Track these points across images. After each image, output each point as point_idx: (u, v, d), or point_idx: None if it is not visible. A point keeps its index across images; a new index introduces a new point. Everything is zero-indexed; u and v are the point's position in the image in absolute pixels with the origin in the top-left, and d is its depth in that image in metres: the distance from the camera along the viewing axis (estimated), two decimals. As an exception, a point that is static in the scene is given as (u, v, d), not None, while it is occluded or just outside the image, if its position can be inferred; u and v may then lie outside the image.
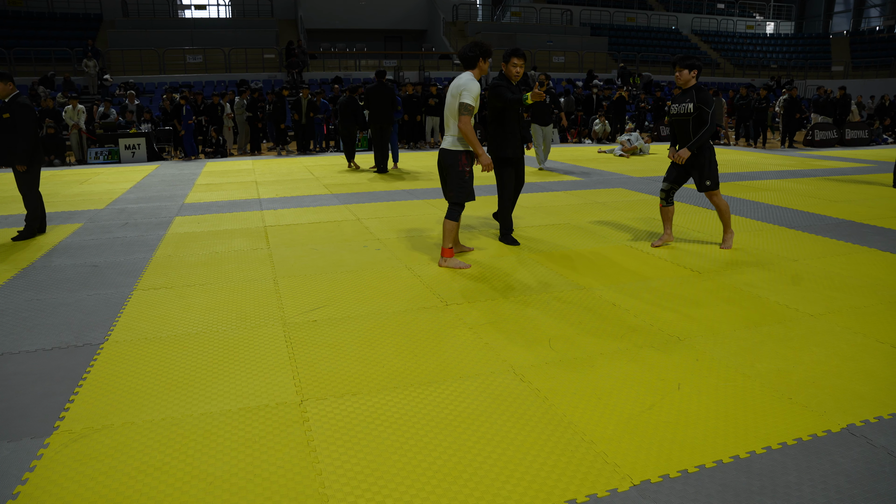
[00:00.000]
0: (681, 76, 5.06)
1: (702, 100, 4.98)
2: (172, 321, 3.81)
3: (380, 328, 3.64)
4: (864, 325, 3.62)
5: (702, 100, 4.98)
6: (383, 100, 10.38)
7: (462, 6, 29.26)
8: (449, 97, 4.64)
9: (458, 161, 4.66)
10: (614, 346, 3.34)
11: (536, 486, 2.17)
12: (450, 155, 4.69)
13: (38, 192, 6.29)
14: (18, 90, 6.17)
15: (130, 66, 21.15)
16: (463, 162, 4.66)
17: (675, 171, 5.28)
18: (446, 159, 4.70)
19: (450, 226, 4.78)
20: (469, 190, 4.74)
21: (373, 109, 10.44)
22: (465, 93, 4.50)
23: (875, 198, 7.90)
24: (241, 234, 6.20)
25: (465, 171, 4.68)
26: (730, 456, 2.33)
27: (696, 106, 4.99)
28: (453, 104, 4.59)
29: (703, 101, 4.97)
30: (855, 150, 14.97)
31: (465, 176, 4.69)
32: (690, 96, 5.04)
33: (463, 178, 4.69)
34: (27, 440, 2.49)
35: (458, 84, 4.58)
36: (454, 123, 4.63)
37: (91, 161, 13.59)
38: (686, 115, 5.06)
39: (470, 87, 4.52)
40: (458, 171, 4.67)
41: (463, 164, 4.66)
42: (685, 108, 5.06)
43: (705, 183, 5.15)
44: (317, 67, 23.38)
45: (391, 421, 2.61)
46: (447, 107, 4.68)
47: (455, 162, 4.66)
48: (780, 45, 32.85)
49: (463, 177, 4.68)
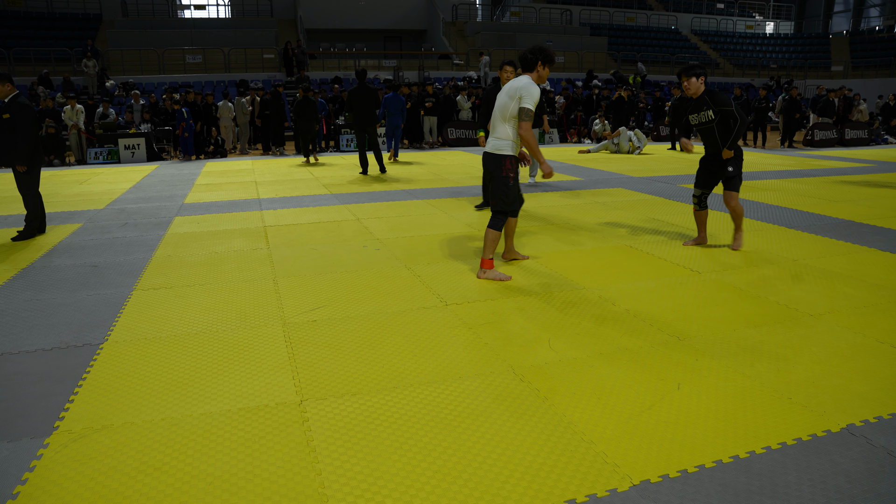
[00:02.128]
0: (690, 86, 4.98)
1: (718, 102, 4.93)
2: (172, 321, 3.81)
3: (380, 328, 3.64)
4: (864, 325, 3.62)
5: (718, 102, 4.93)
6: (366, 101, 10.22)
7: (461, 6, 29.26)
8: (504, 96, 4.34)
9: (503, 166, 4.38)
10: (614, 346, 3.34)
11: (536, 486, 2.17)
12: (493, 159, 4.43)
13: (38, 192, 6.28)
14: (18, 90, 6.17)
15: (130, 66, 21.14)
16: (507, 167, 4.38)
17: (706, 176, 5.25)
18: (490, 163, 4.46)
19: (492, 235, 4.50)
20: (512, 197, 4.47)
21: (356, 111, 10.27)
22: (527, 97, 4.18)
23: (875, 198, 7.90)
24: (241, 234, 6.20)
25: (508, 176, 4.39)
26: (729, 456, 2.33)
27: (716, 111, 4.93)
28: (507, 105, 4.30)
29: (721, 103, 4.91)
30: (855, 150, 14.97)
31: (508, 182, 4.40)
32: (706, 102, 4.98)
33: (507, 184, 4.41)
34: (27, 440, 2.49)
35: (516, 86, 4.26)
36: (503, 125, 4.36)
37: (90, 161, 13.59)
38: (709, 122, 5.00)
39: (531, 90, 4.20)
40: (502, 176, 4.39)
41: (507, 170, 4.38)
42: (706, 115, 4.99)
43: (728, 169, 5.09)
44: (316, 67, 23.37)
45: (391, 421, 2.61)
46: (499, 107, 4.38)
47: (499, 167, 4.40)
48: (780, 45, 32.86)
49: (507, 183, 4.40)
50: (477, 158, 12.96)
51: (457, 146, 15.93)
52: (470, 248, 5.45)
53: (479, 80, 22.02)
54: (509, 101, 4.30)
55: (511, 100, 4.29)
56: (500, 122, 4.39)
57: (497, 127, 4.42)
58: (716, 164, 5.18)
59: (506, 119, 4.35)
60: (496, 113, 4.42)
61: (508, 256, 5.03)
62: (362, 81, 10.39)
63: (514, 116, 4.30)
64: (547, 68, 4.37)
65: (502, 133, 4.38)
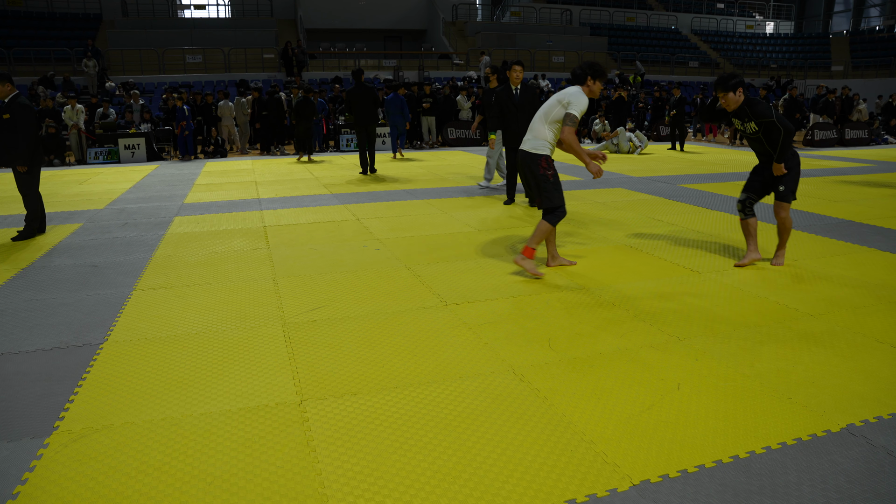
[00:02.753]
0: (728, 101, 4.56)
1: (757, 113, 4.52)
2: (172, 321, 3.81)
3: (380, 328, 3.64)
4: (864, 325, 3.62)
5: (757, 113, 4.52)
6: (365, 101, 10.25)
7: (461, 6, 29.26)
8: (553, 101, 4.49)
9: (539, 164, 4.53)
10: (614, 346, 3.34)
11: (536, 485, 2.17)
12: (529, 158, 4.57)
13: (38, 192, 6.29)
14: (18, 90, 6.17)
15: (130, 66, 21.15)
16: (543, 166, 4.53)
17: (758, 182, 4.78)
18: (526, 161, 4.60)
19: (543, 227, 4.58)
20: (557, 193, 4.57)
21: (355, 112, 10.30)
22: (574, 105, 4.36)
23: (875, 198, 7.90)
24: (241, 233, 6.20)
25: (546, 174, 4.53)
26: (729, 456, 2.33)
27: (758, 123, 4.54)
28: (553, 109, 4.46)
29: (761, 114, 4.51)
30: (855, 150, 14.97)
31: (548, 179, 4.53)
32: (746, 114, 4.58)
33: (547, 181, 4.54)
34: (27, 440, 2.49)
35: (567, 93, 4.44)
36: (542, 127, 4.51)
37: (90, 161, 13.59)
38: (754, 133, 4.63)
39: (580, 100, 4.38)
40: (541, 175, 4.54)
41: (543, 168, 4.53)
42: (749, 127, 4.62)
43: (779, 188, 4.65)
44: (316, 67, 23.37)
45: (391, 421, 2.61)
46: (543, 109, 4.54)
47: (535, 166, 4.54)
48: (780, 44, 32.86)
49: (547, 180, 4.54)
50: (476, 158, 12.96)
51: (456, 146, 15.93)
52: (470, 248, 5.45)
53: (479, 80, 22.01)
54: (556, 105, 4.48)
55: (559, 104, 4.46)
56: (540, 123, 4.56)
57: (536, 128, 4.59)
58: (769, 174, 4.73)
59: (548, 122, 4.52)
60: (539, 115, 4.60)
61: (554, 263, 4.91)
62: (359, 81, 10.42)
63: (558, 121, 4.47)
64: (598, 82, 4.50)
65: (541, 134, 4.55)
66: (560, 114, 4.44)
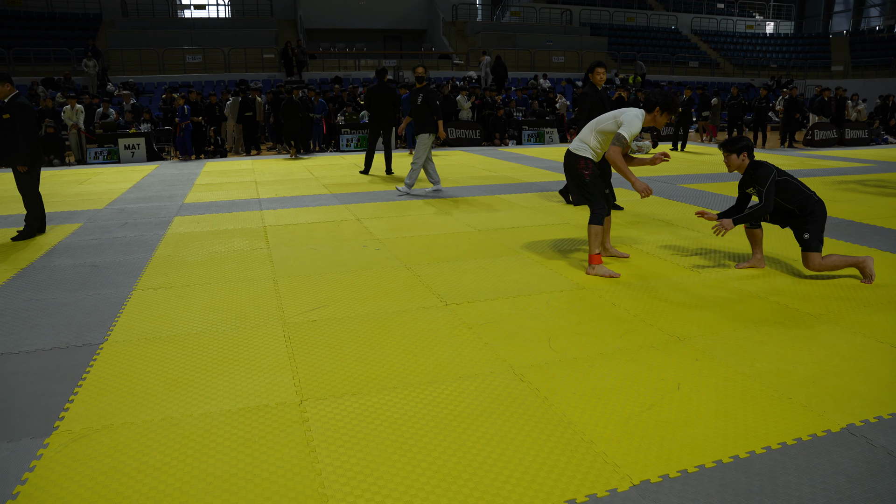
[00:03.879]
0: (730, 163, 4.56)
1: (755, 179, 4.49)
2: (172, 321, 3.81)
3: (380, 328, 3.64)
4: (865, 324, 3.62)
5: (755, 179, 4.49)
6: (385, 101, 10.08)
7: (462, 6, 29.26)
8: (611, 114, 4.56)
9: (577, 165, 4.64)
10: (614, 346, 3.34)
11: (536, 486, 2.17)
12: (571, 157, 4.70)
13: (38, 192, 6.29)
14: (18, 90, 6.17)
15: (130, 66, 21.15)
16: (581, 166, 4.62)
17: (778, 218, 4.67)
18: (568, 159, 4.74)
19: (592, 231, 4.63)
20: (593, 193, 4.63)
21: (373, 111, 10.15)
22: (627, 127, 4.37)
23: (875, 198, 7.90)
24: (241, 233, 6.20)
25: (583, 174, 4.61)
26: (729, 456, 2.33)
27: (755, 189, 4.50)
28: (605, 121, 4.54)
29: (758, 181, 4.46)
30: (855, 150, 14.97)
31: (585, 179, 4.63)
32: (750, 176, 4.55)
33: (584, 181, 4.64)
34: (27, 440, 2.49)
35: (626, 113, 4.45)
36: (591, 134, 4.61)
37: (90, 161, 13.59)
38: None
39: (634, 124, 4.38)
40: (578, 174, 4.65)
41: (581, 168, 4.61)
42: (751, 190, 4.61)
43: (804, 236, 4.44)
44: (316, 67, 23.37)
45: (391, 421, 2.61)
46: (602, 117, 4.60)
47: (575, 165, 4.66)
48: (780, 44, 32.86)
49: (584, 180, 4.64)
50: (476, 158, 12.97)
51: (457, 146, 15.93)
52: (469, 248, 5.45)
53: (479, 79, 22.01)
54: (610, 119, 4.54)
55: (613, 120, 4.51)
56: (592, 130, 4.64)
57: (585, 133, 4.70)
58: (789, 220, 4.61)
59: (598, 130, 4.59)
60: (594, 120, 4.67)
61: (605, 254, 5.04)
62: (382, 80, 10.23)
63: (604, 132, 4.54)
64: (665, 115, 4.47)
65: (588, 140, 4.65)
66: (609, 127, 4.51)
